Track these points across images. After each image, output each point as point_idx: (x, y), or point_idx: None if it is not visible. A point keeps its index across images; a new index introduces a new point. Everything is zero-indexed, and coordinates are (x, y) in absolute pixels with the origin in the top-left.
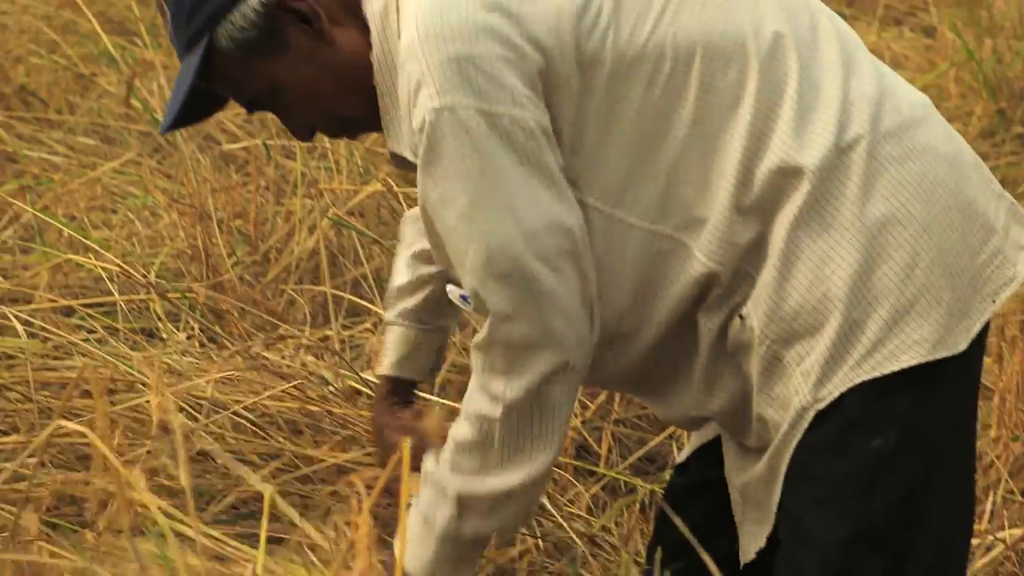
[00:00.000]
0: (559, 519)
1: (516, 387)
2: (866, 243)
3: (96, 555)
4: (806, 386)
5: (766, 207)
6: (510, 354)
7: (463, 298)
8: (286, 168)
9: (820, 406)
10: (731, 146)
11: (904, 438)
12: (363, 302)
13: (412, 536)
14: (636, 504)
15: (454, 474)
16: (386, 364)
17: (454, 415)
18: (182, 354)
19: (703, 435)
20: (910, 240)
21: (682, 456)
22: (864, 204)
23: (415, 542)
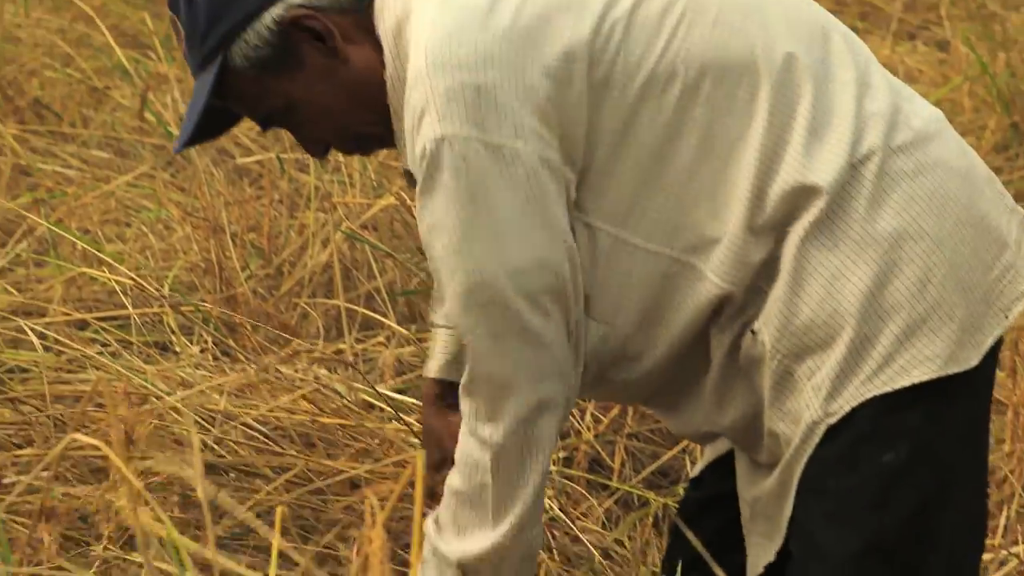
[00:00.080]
0: (575, 531)
1: (502, 430)
2: (878, 258)
3: (107, 570)
4: (817, 400)
5: (780, 225)
6: (493, 394)
7: None
8: (300, 181)
9: (831, 420)
10: (743, 167)
11: (916, 453)
12: (376, 315)
13: None
14: (649, 518)
15: (457, 537)
16: (434, 367)
17: None
18: (195, 367)
19: (717, 449)
20: (922, 255)
21: (696, 470)
22: (876, 219)
23: None
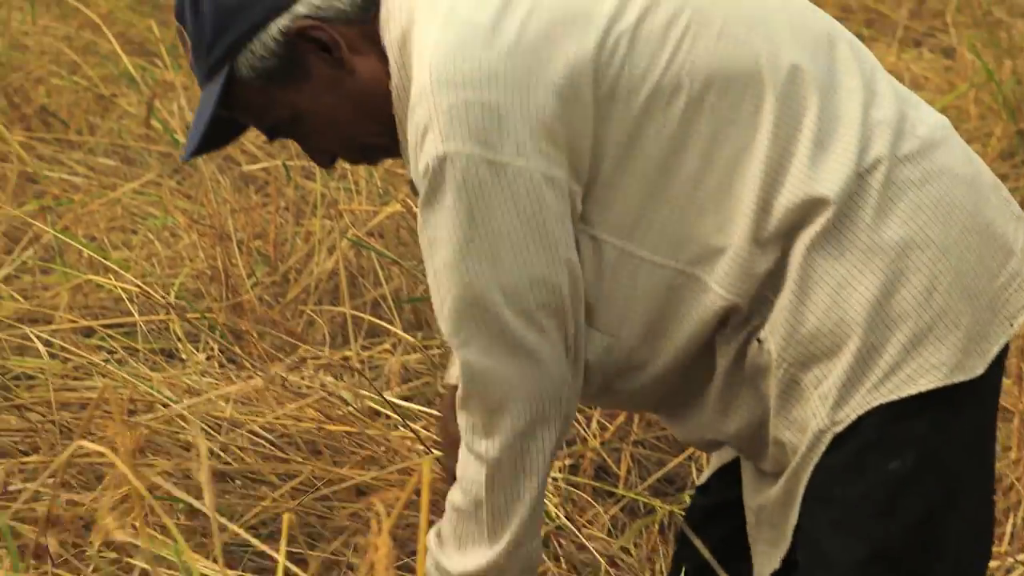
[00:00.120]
0: (581, 539)
1: (497, 445)
2: (884, 267)
3: None
4: (823, 409)
5: (786, 236)
6: (488, 410)
7: None
8: (306, 189)
9: (838, 429)
10: (748, 179)
11: (922, 461)
12: (382, 323)
13: None
14: (655, 525)
15: (458, 552)
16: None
17: None
18: (201, 375)
19: (723, 456)
20: (928, 263)
21: (703, 477)
22: (882, 228)
23: None
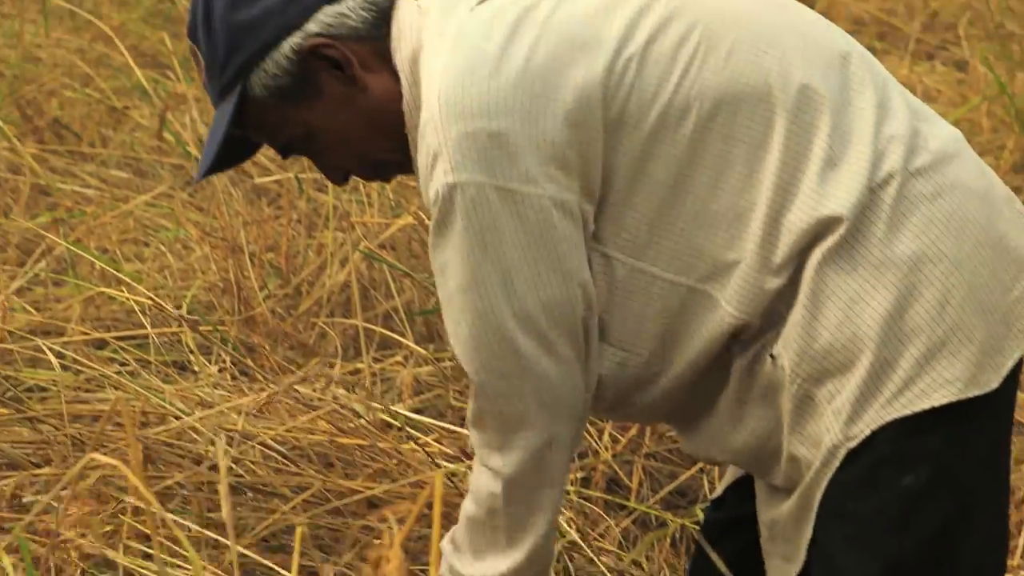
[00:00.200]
0: (590, 553)
1: (512, 462)
2: (897, 281)
3: None
4: (837, 424)
5: (798, 254)
6: (502, 429)
7: None
8: (318, 201)
9: (851, 444)
10: (758, 200)
11: (936, 476)
12: (394, 335)
13: None
14: (667, 538)
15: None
16: None
17: None
18: (214, 387)
19: (738, 469)
20: (941, 278)
21: (717, 491)
22: (895, 242)
23: None
